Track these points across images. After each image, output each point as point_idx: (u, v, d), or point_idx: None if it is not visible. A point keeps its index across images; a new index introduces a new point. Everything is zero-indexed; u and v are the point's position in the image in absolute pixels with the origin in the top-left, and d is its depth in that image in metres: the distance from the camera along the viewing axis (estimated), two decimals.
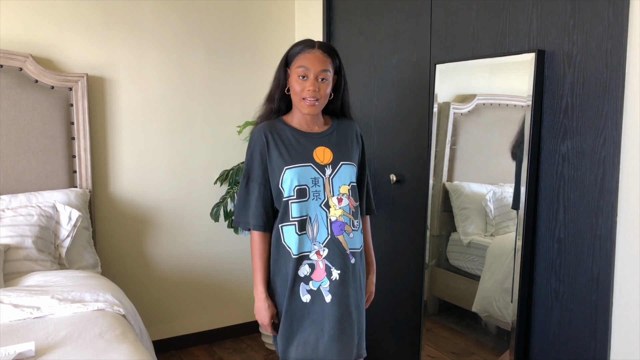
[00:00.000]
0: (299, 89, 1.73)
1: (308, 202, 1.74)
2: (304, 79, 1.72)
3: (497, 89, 2.06)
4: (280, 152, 1.76)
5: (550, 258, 1.91)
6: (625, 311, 1.69)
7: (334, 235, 1.76)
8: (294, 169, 1.74)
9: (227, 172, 3.17)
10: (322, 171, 1.77)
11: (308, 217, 1.75)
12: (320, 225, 1.75)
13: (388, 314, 2.71)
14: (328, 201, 1.76)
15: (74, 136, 2.79)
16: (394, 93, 2.62)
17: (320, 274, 1.76)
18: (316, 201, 1.75)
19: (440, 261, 2.34)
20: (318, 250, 1.75)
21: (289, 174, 1.74)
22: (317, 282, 1.76)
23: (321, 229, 1.75)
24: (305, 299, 1.76)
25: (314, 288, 1.76)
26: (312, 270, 1.76)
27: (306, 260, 1.75)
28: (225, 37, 3.20)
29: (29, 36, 2.72)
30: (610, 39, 1.68)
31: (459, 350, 2.25)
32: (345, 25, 2.96)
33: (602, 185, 1.73)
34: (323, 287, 1.76)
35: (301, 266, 1.75)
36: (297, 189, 1.74)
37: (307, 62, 1.72)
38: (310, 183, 1.75)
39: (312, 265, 1.76)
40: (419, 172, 2.47)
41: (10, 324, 1.88)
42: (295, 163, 1.75)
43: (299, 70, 1.72)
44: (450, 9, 2.26)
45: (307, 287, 1.76)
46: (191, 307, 3.25)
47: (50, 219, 2.52)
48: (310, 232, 1.75)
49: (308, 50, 1.74)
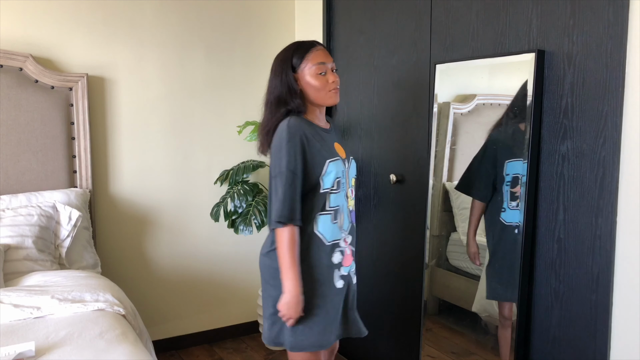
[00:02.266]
0: (321, 84, 1.81)
1: (339, 193, 1.84)
2: (323, 75, 1.81)
3: (497, 89, 2.06)
4: (321, 145, 1.80)
5: (550, 258, 1.91)
6: (625, 311, 1.69)
7: (352, 223, 1.91)
8: (335, 161, 1.81)
9: (227, 172, 3.17)
10: (344, 163, 1.88)
11: (339, 207, 1.84)
12: (344, 214, 1.87)
13: (388, 314, 2.71)
14: (347, 192, 1.88)
15: (74, 136, 2.79)
16: (394, 93, 2.62)
17: (349, 259, 1.88)
18: (342, 192, 1.86)
19: (440, 261, 2.34)
20: (345, 238, 1.87)
21: (332, 166, 1.80)
22: (346, 267, 1.87)
23: (345, 218, 1.87)
24: (339, 285, 1.85)
25: (345, 273, 1.87)
26: (343, 256, 1.86)
27: (337, 248, 1.84)
28: (225, 37, 3.20)
29: (29, 36, 2.72)
30: (610, 39, 1.68)
31: (459, 350, 2.25)
32: (345, 25, 2.96)
33: (602, 185, 1.73)
34: (352, 272, 1.91)
35: (334, 253, 1.84)
36: (338, 181, 1.81)
37: (322, 57, 1.82)
38: (342, 176, 1.84)
39: (342, 252, 1.86)
40: (419, 172, 2.47)
41: (10, 324, 1.88)
42: (334, 156, 1.82)
43: (318, 68, 1.80)
44: (450, 9, 2.26)
45: (339, 273, 1.85)
46: (191, 307, 3.25)
47: (50, 219, 2.52)
48: (339, 221, 1.85)
49: (314, 48, 1.83)
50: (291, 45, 1.88)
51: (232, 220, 3.07)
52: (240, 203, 3.03)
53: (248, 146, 3.23)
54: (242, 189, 3.07)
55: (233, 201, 3.04)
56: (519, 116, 1.94)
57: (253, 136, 3.01)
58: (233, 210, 3.04)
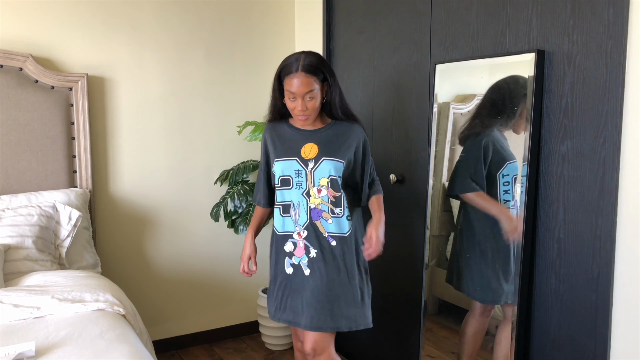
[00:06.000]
0: (291, 107, 2.02)
1: (291, 190, 2.07)
2: (294, 100, 1.99)
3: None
4: (275, 146, 2.11)
5: (550, 258, 1.91)
6: (625, 311, 1.69)
7: (312, 220, 2.06)
8: (281, 161, 2.08)
9: (227, 172, 3.17)
10: (306, 164, 2.05)
11: (291, 203, 2.08)
12: (301, 210, 2.07)
13: (388, 313, 2.71)
14: (309, 190, 2.06)
15: (74, 136, 2.79)
16: (394, 93, 2.62)
17: (300, 251, 2.08)
18: (298, 190, 2.06)
19: (440, 261, 2.34)
20: (299, 232, 2.08)
21: (278, 165, 2.08)
22: (298, 257, 2.09)
23: (302, 214, 2.07)
24: (289, 271, 2.10)
25: (296, 262, 2.09)
26: (295, 247, 2.09)
27: (290, 239, 2.09)
28: (225, 37, 3.20)
29: (29, 36, 2.72)
30: (610, 39, 1.68)
31: (459, 350, 2.25)
32: (345, 25, 2.96)
33: (602, 185, 1.73)
34: (302, 263, 2.08)
35: (286, 243, 2.10)
36: (282, 178, 2.08)
37: (293, 87, 1.97)
38: (294, 174, 2.06)
39: (295, 243, 2.09)
40: (419, 172, 2.47)
41: (10, 324, 1.88)
42: (283, 157, 2.08)
43: (288, 94, 2.00)
44: (450, 9, 2.26)
45: (290, 261, 2.10)
46: (191, 307, 3.25)
47: (50, 219, 2.52)
48: (293, 216, 2.08)
49: (292, 74, 1.97)
50: (284, 60, 2.04)
51: (232, 220, 3.07)
52: (240, 203, 3.04)
53: (248, 146, 3.23)
54: (242, 189, 3.07)
55: (233, 201, 3.04)
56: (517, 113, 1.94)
57: (253, 136, 3.00)
58: (233, 210, 3.04)
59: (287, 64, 2.00)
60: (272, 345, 3.25)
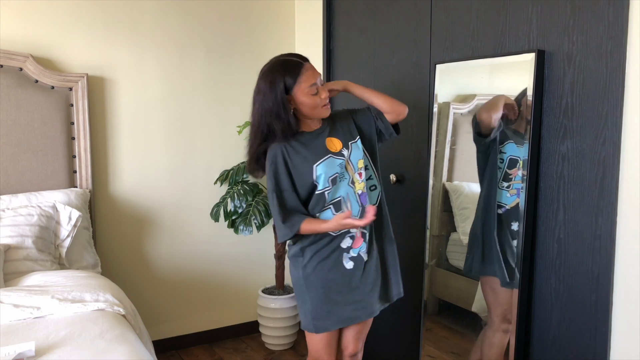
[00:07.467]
0: (314, 103, 1.90)
1: (338, 185, 1.95)
2: (315, 94, 1.90)
3: (497, 89, 2.06)
4: (307, 152, 1.94)
5: (550, 258, 1.91)
6: (625, 311, 1.69)
7: (362, 206, 1.98)
8: (321, 163, 1.92)
9: (227, 172, 3.17)
10: (341, 155, 1.96)
11: (341, 198, 1.95)
12: (352, 201, 1.97)
13: (388, 313, 2.70)
14: (352, 178, 1.98)
15: (74, 136, 2.79)
16: (394, 93, 2.61)
17: (359, 241, 1.99)
18: (344, 182, 1.96)
19: (440, 261, 2.34)
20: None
21: (321, 168, 1.92)
22: (356, 249, 1.99)
23: (353, 204, 1.97)
24: (349, 266, 1.98)
25: (355, 255, 1.99)
26: (353, 240, 1.98)
27: (347, 235, 1.97)
28: (225, 37, 3.20)
29: (29, 36, 2.72)
30: (610, 39, 1.68)
31: (459, 350, 2.25)
32: (345, 25, 2.96)
33: (602, 185, 1.73)
34: (362, 252, 1.99)
35: (343, 240, 1.97)
36: (331, 178, 1.93)
37: (312, 77, 1.89)
38: (338, 169, 1.95)
39: (353, 237, 1.98)
40: (419, 172, 2.47)
41: (10, 324, 1.88)
42: (319, 159, 1.93)
43: (309, 89, 1.88)
44: (450, 9, 2.26)
45: (349, 256, 1.98)
46: (191, 307, 3.25)
47: (50, 219, 2.52)
48: (346, 209, 1.94)
49: (304, 68, 1.89)
50: (277, 64, 1.91)
51: (232, 220, 3.07)
52: (240, 203, 3.04)
53: None
54: (242, 189, 3.07)
55: (233, 201, 3.04)
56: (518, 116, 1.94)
57: None
58: (233, 210, 3.04)
59: (289, 67, 1.89)
60: (272, 346, 3.25)
